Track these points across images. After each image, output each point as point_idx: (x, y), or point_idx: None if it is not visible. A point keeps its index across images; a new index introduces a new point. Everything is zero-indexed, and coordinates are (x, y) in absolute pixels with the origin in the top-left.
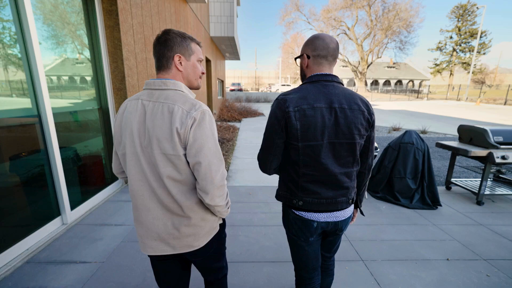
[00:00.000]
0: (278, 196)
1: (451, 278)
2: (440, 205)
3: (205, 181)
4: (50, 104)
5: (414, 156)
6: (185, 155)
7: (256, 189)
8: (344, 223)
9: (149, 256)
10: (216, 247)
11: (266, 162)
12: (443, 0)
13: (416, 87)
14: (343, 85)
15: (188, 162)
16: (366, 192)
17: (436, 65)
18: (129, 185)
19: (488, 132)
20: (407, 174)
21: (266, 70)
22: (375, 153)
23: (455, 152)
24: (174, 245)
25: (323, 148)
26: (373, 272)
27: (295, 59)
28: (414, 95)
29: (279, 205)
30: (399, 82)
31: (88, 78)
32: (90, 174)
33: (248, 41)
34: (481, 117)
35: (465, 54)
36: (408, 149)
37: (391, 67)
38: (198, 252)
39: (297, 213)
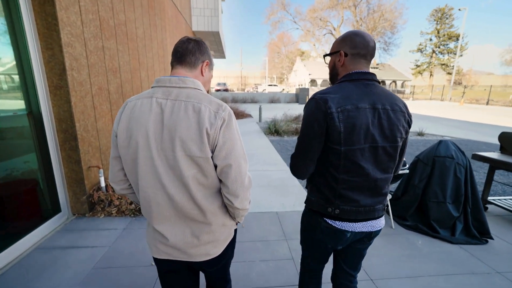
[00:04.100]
0: (309, 202)
1: None
2: (492, 238)
3: (236, 184)
4: None
5: (454, 173)
6: (211, 157)
7: (250, 218)
8: (378, 232)
9: (157, 265)
10: (229, 256)
11: (302, 168)
12: (424, 3)
13: (398, 87)
14: (380, 83)
15: (214, 165)
16: (392, 221)
17: (417, 66)
18: (140, 191)
19: None
20: (447, 197)
21: (252, 70)
22: (406, 171)
23: (495, 166)
24: (191, 253)
25: (365, 152)
26: None
27: (324, 56)
28: (400, 96)
29: (282, 245)
30: (383, 82)
31: (5, 71)
32: (13, 211)
33: (233, 40)
34: (469, 117)
35: (443, 56)
36: (447, 164)
37: (374, 67)
38: (214, 261)
39: (330, 222)
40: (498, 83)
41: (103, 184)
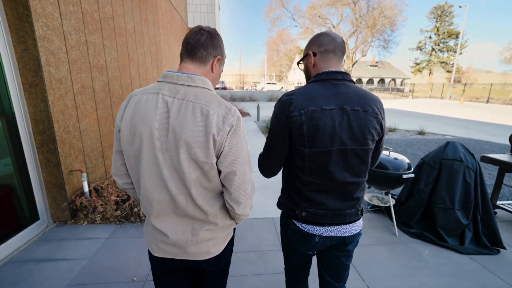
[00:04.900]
0: (279, 204)
1: None
2: (504, 247)
3: (239, 191)
4: None
5: (463, 178)
6: (216, 162)
7: (244, 226)
8: (352, 238)
9: (154, 266)
10: (229, 258)
11: (267, 168)
12: (424, 0)
13: (397, 86)
14: (354, 83)
15: (218, 170)
16: (396, 228)
17: (417, 64)
18: (142, 189)
19: None
20: (455, 203)
21: (250, 68)
22: (411, 174)
23: (506, 169)
24: (191, 252)
25: (332, 155)
26: None
27: (298, 63)
28: (399, 94)
29: (277, 256)
30: (382, 80)
31: None
32: None
33: (232, 38)
34: (470, 115)
35: (443, 54)
36: (456, 168)
37: (373, 65)
38: (214, 261)
39: (298, 224)
40: (497, 81)
41: (86, 189)
